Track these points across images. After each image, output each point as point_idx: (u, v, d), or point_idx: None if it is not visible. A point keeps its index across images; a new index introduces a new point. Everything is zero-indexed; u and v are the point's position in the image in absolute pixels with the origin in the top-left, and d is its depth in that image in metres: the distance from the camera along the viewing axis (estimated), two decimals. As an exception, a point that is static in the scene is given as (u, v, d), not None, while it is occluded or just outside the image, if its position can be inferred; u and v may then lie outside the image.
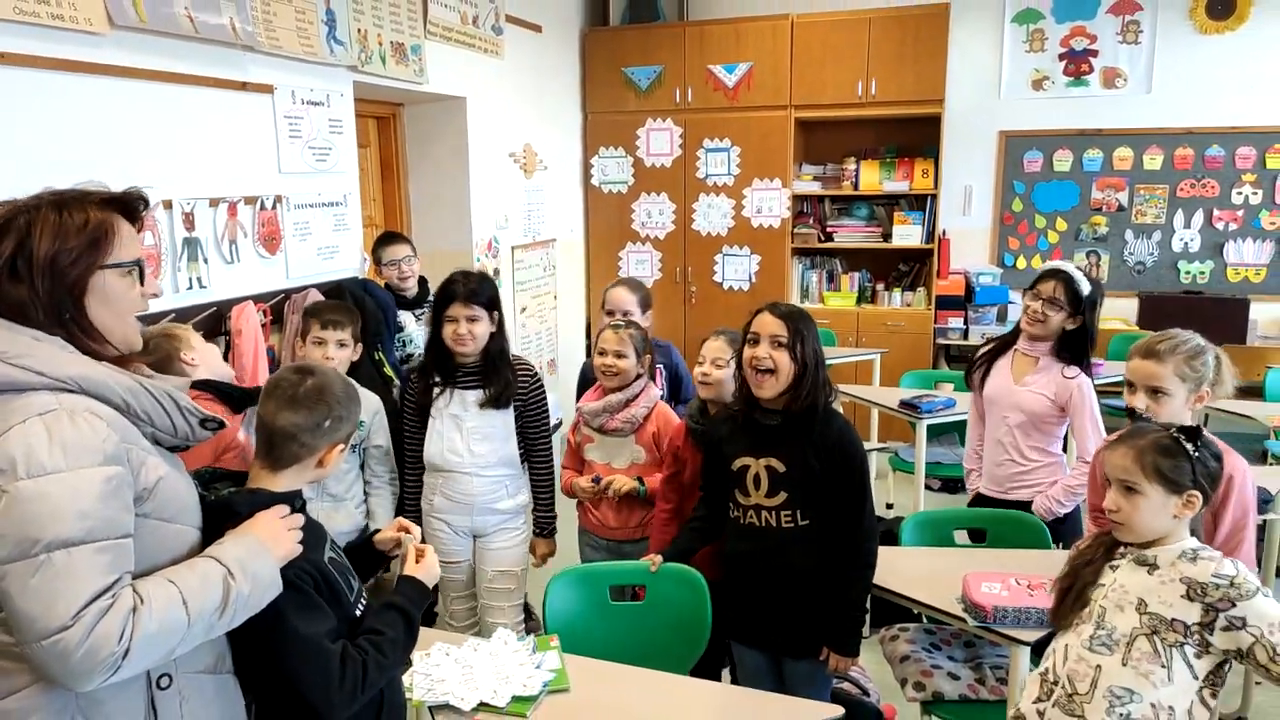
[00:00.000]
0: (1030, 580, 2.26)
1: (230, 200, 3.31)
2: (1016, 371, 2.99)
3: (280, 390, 1.66)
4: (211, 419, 1.51)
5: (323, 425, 1.65)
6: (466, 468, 2.83)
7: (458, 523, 2.91)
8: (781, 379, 2.22)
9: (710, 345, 2.69)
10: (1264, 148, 5.78)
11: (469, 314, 2.74)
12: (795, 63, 5.88)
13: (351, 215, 4.01)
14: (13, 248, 1.33)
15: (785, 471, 2.24)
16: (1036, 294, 2.91)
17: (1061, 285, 2.85)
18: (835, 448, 2.21)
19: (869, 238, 6.18)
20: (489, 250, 5.15)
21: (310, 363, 1.73)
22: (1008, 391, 2.97)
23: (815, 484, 2.22)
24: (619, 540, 2.92)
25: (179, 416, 1.46)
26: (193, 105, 3.16)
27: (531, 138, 5.58)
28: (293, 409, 1.63)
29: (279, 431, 1.63)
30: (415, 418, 2.89)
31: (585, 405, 2.90)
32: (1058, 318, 2.88)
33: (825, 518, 2.24)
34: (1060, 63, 6.05)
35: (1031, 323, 2.92)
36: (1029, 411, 2.92)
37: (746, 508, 2.29)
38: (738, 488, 2.31)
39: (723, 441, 2.36)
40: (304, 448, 1.65)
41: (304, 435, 1.64)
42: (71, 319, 1.37)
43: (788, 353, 2.21)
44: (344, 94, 3.93)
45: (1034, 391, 2.91)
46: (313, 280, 3.73)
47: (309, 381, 1.67)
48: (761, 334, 2.24)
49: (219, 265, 3.28)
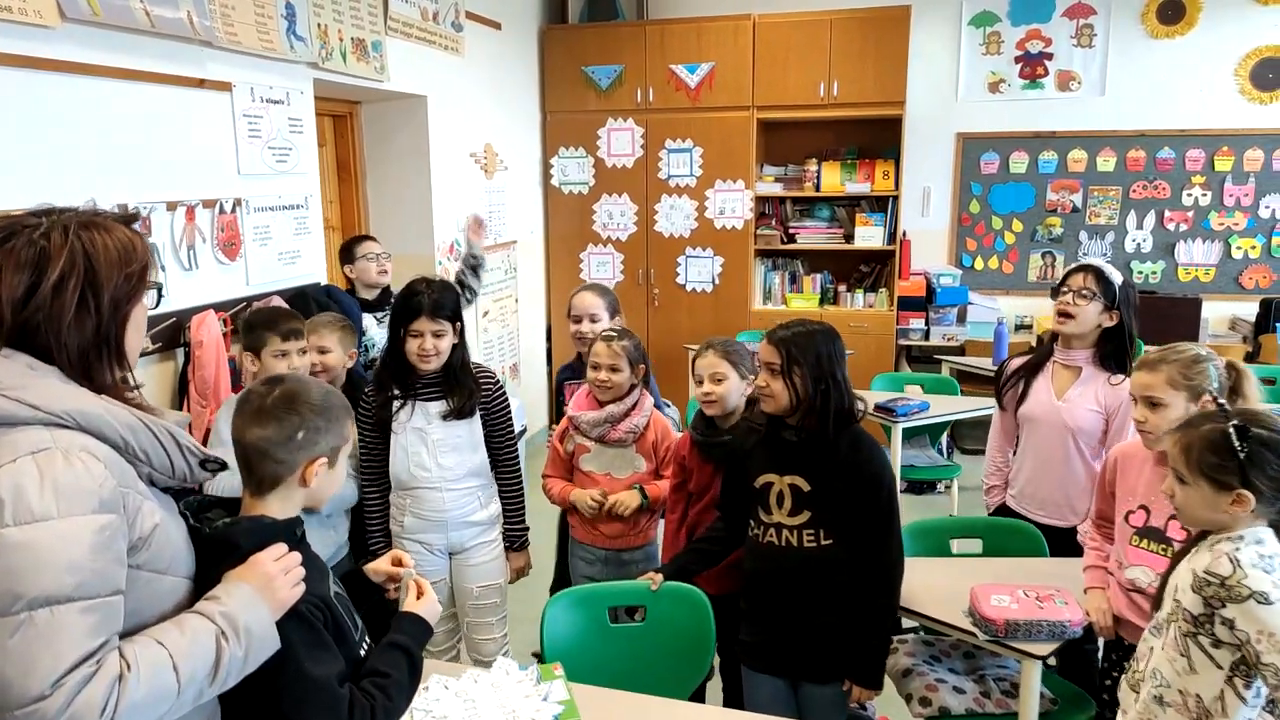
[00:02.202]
0: (1038, 591, 2.24)
1: (188, 203, 3.13)
2: (1058, 385, 2.80)
3: (249, 403, 1.52)
4: (213, 459, 1.39)
5: (295, 438, 1.51)
6: (435, 482, 2.68)
7: (433, 541, 2.76)
8: (779, 402, 2.17)
9: (703, 362, 2.60)
10: (1212, 150, 5.91)
11: (435, 329, 2.57)
12: (757, 63, 5.84)
13: (313, 218, 3.85)
14: (80, 280, 1.25)
15: (810, 491, 2.17)
16: (1066, 287, 2.75)
17: (1092, 276, 2.71)
18: (862, 470, 2.16)
19: (831, 239, 6.18)
20: (451, 253, 5.01)
21: (285, 372, 1.60)
22: (1051, 409, 2.78)
23: (840, 505, 2.17)
24: (618, 549, 2.82)
25: (179, 456, 1.33)
26: (148, 103, 2.98)
27: (492, 137, 5.45)
28: (260, 422, 1.50)
29: (250, 448, 1.50)
30: (375, 433, 2.70)
31: (583, 415, 2.78)
32: (1091, 310, 2.70)
33: (848, 540, 2.18)
34: (1016, 65, 6.12)
35: (1063, 318, 2.74)
36: (1080, 430, 2.73)
37: (767, 526, 2.23)
38: (760, 505, 2.24)
39: (747, 457, 2.29)
40: (280, 465, 1.51)
41: (277, 450, 1.50)
42: (111, 350, 1.30)
43: (782, 379, 2.15)
44: (304, 92, 3.76)
45: (1083, 408, 2.73)
46: (275, 287, 3.57)
47: (277, 390, 1.53)
48: (761, 360, 2.20)
49: (177, 273, 3.11)
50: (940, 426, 4.71)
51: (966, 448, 5.80)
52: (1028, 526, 2.69)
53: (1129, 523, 2.23)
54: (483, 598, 2.82)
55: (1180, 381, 2.13)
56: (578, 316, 3.20)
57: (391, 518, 2.77)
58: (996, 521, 2.76)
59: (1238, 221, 5.96)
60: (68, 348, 1.26)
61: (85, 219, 1.30)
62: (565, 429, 2.88)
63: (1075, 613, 2.17)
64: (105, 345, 1.30)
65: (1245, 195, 5.91)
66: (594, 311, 3.19)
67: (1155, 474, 2.19)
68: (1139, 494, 2.23)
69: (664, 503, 2.74)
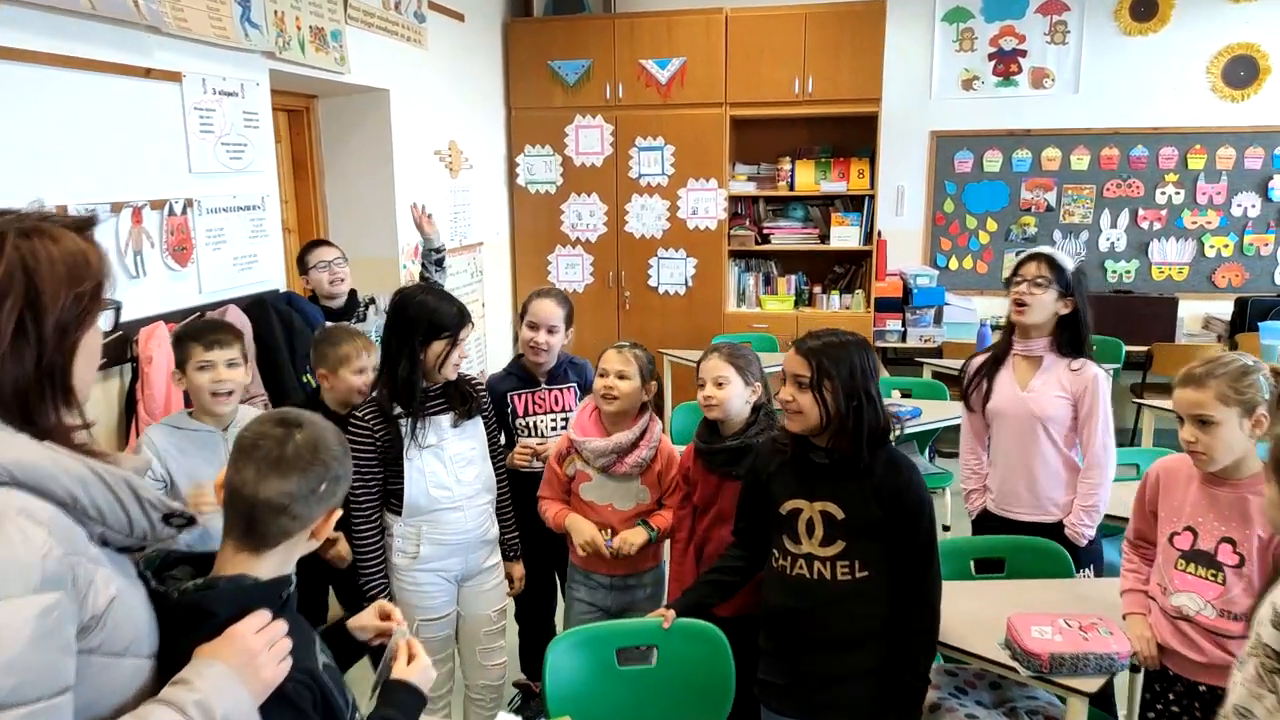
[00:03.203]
0: (1080, 621, 2.08)
1: (134, 205, 2.86)
2: (1020, 377, 2.77)
3: (261, 451, 1.29)
4: (179, 514, 1.16)
5: (318, 490, 1.31)
6: (456, 501, 2.48)
7: (451, 568, 2.54)
8: (809, 420, 1.98)
9: (706, 365, 2.44)
10: (1185, 148, 5.88)
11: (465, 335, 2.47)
12: (730, 58, 5.67)
13: (271, 220, 3.58)
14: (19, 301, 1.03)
15: (844, 519, 1.99)
16: (1019, 277, 2.71)
17: (1045, 264, 2.67)
18: (900, 496, 1.98)
19: (806, 239, 6.03)
20: (415, 256, 4.75)
21: (292, 410, 1.37)
22: (1016, 401, 2.73)
23: (877, 534, 1.99)
24: (623, 574, 2.62)
25: (138, 511, 1.10)
26: (89, 94, 2.70)
27: (456, 134, 5.20)
28: (281, 474, 1.28)
29: (264, 505, 1.27)
30: (375, 465, 2.42)
31: (587, 442, 2.56)
32: (1047, 297, 2.66)
33: (885, 572, 2.01)
34: (990, 62, 6.03)
35: (1020, 308, 2.71)
36: (1048, 417, 2.69)
37: (796, 556, 2.04)
38: (786, 533, 2.06)
39: (771, 480, 2.10)
40: (296, 520, 1.29)
41: (297, 505, 1.28)
42: (56, 386, 1.07)
43: (811, 394, 1.96)
44: (260, 83, 3.49)
45: (1049, 395, 2.69)
46: (229, 295, 3.30)
47: (298, 435, 1.31)
48: (787, 373, 2.01)
49: (122, 281, 2.83)
50: (931, 434, 4.58)
51: (944, 451, 5.68)
52: (1053, 545, 2.54)
53: (1174, 545, 2.09)
54: (495, 623, 2.68)
55: (1231, 396, 1.98)
56: (535, 324, 2.92)
57: (398, 551, 2.50)
58: (1019, 541, 2.61)
59: (1210, 220, 5.94)
60: (2, 384, 1.03)
61: (27, 225, 1.07)
62: (565, 450, 2.66)
63: (1122, 644, 2.02)
64: (49, 380, 1.07)
65: (1218, 194, 5.89)
66: (554, 322, 2.92)
67: (1203, 494, 2.05)
68: (1185, 515, 2.08)
69: (670, 530, 2.56)
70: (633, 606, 2.64)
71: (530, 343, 2.90)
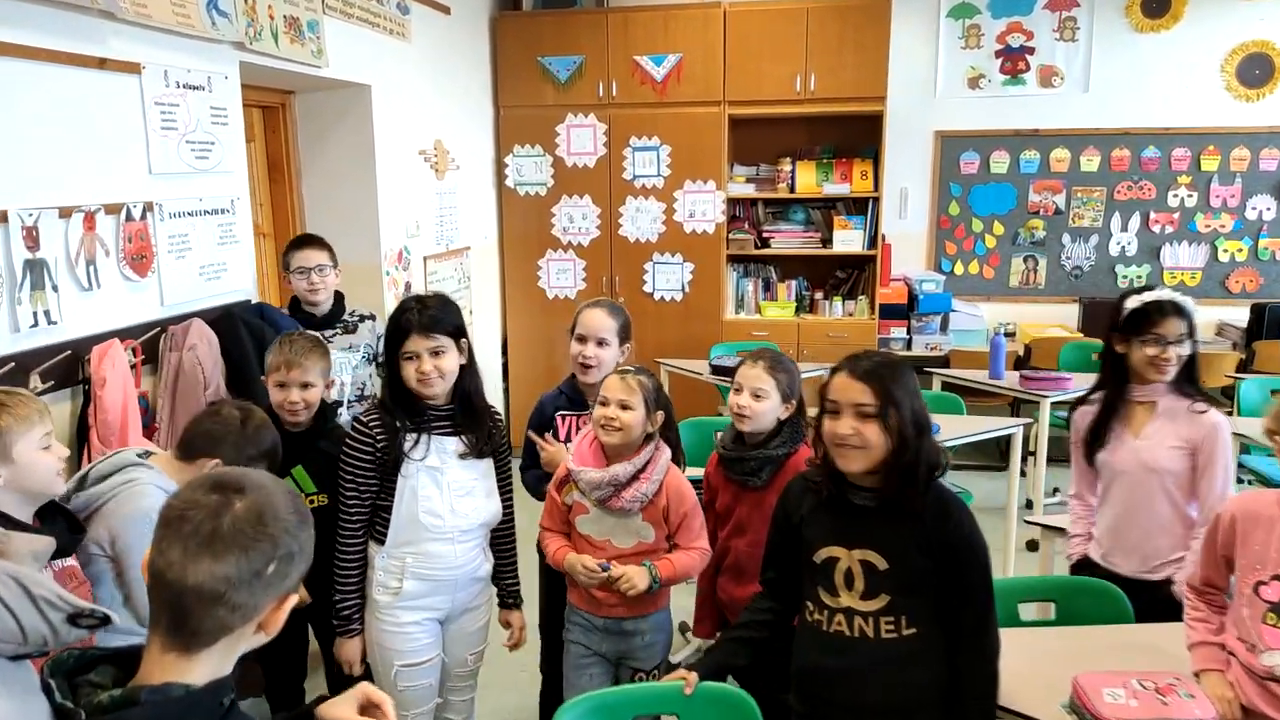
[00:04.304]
0: (1155, 681, 1.84)
1: (87, 209, 2.58)
2: (1134, 423, 2.50)
3: (189, 525, 1.03)
4: (87, 614, 0.90)
5: (263, 573, 1.05)
6: (447, 531, 2.26)
7: (437, 607, 2.33)
8: (874, 455, 1.73)
9: (748, 372, 2.28)
10: (1198, 149, 5.68)
11: (431, 346, 2.20)
12: (729, 54, 5.42)
13: (241, 225, 3.30)
14: None
15: (888, 569, 1.75)
16: (1159, 338, 2.40)
17: (1183, 320, 2.40)
18: (954, 543, 1.75)
19: (808, 243, 5.79)
20: (399, 262, 4.48)
21: (232, 471, 1.10)
22: (1129, 451, 2.48)
23: (926, 586, 1.76)
24: (619, 618, 2.38)
25: (33, 614, 0.86)
26: (36, 86, 2.43)
27: (442, 133, 4.93)
28: (215, 554, 1.02)
29: (195, 593, 1.01)
30: (373, 480, 2.25)
31: (583, 473, 2.32)
32: (1185, 351, 2.41)
33: (937, 629, 1.77)
34: (997, 60, 5.82)
35: (1161, 368, 2.41)
36: (1163, 470, 2.42)
37: (834, 610, 1.80)
38: (822, 584, 1.81)
39: (803, 523, 1.86)
40: (236, 612, 1.04)
41: (236, 593, 1.03)
42: None
43: (878, 425, 1.72)
44: (228, 76, 3.22)
45: (1164, 446, 2.43)
46: (195, 307, 3.03)
47: (237, 504, 1.05)
48: (842, 403, 1.74)
49: (73, 294, 2.55)
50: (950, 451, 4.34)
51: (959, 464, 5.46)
52: (1110, 587, 2.30)
53: (1261, 596, 1.85)
54: (471, 665, 2.46)
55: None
56: (584, 336, 2.69)
57: (379, 586, 2.29)
58: (1070, 581, 2.37)
59: (1224, 223, 5.74)
60: None
61: None
62: (564, 478, 2.42)
63: (1206, 709, 1.78)
64: None
65: (1232, 196, 5.70)
66: (604, 335, 2.69)
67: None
68: (1272, 561, 1.84)
69: (678, 581, 2.34)
70: (629, 654, 2.41)
71: (579, 357, 2.64)
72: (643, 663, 2.41)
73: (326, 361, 2.52)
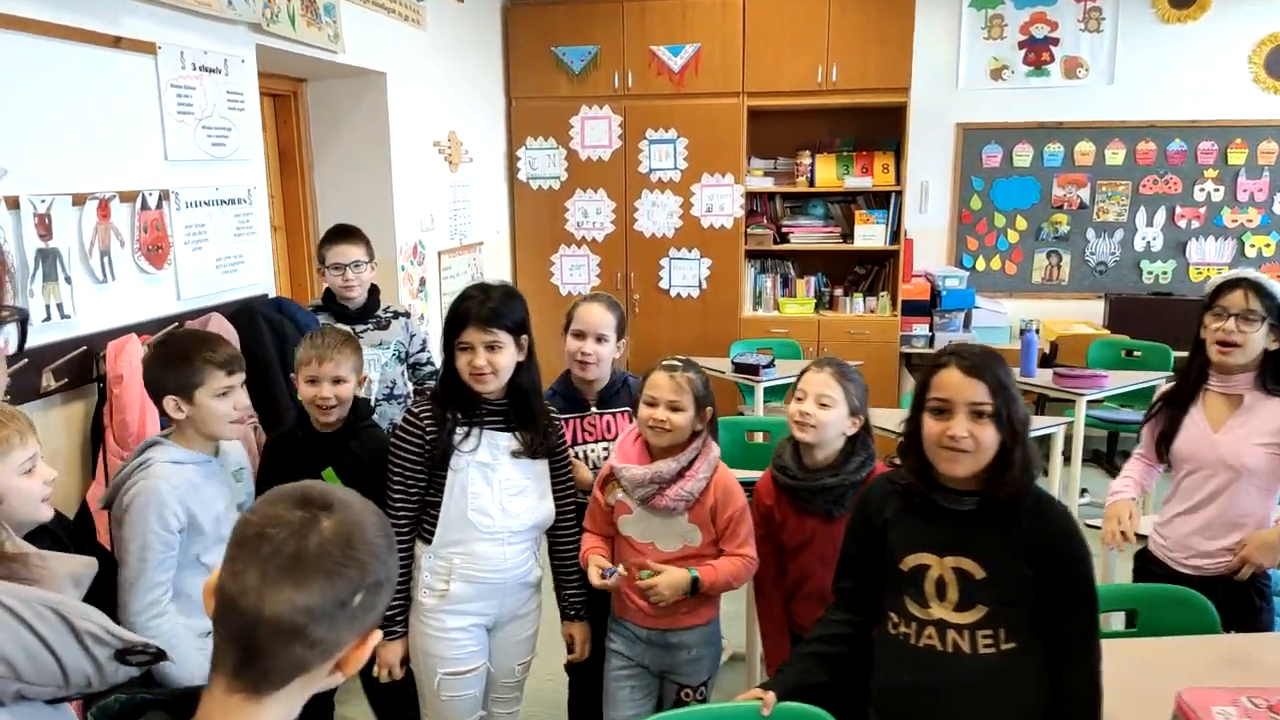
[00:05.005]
0: (1266, 699, 1.71)
1: (101, 196, 2.43)
2: (1212, 416, 2.33)
3: (270, 545, 0.89)
4: (139, 650, 0.76)
5: (349, 604, 0.91)
6: (497, 531, 2.15)
7: (484, 613, 2.21)
8: (983, 459, 1.61)
9: (814, 378, 2.13)
10: (1225, 143, 5.57)
11: (488, 340, 2.09)
12: (748, 44, 5.29)
13: (258, 216, 3.15)
14: None
15: (985, 578, 1.62)
16: (1223, 310, 2.27)
17: (1254, 294, 2.24)
18: (1056, 549, 1.62)
19: (828, 238, 5.66)
20: (414, 256, 4.33)
21: (316, 486, 0.96)
22: (1208, 444, 2.32)
23: (1028, 596, 1.63)
24: (663, 629, 2.24)
25: (75, 651, 0.72)
26: (48, 66, 2.27)
27: (456, 125, 4.78)
28: (297, 581, 0.88)
29: (272, 626, 0.87)
30: (422, 474, 2.15)
31: (626, 469, 2.19)
32: (1258, 335, 2.23)
33: (1037, 645, 1.64)
34: (1020, 51, 5.69)
35: (1226, 349, 2.26)
36: (1247, 468, 2.27)
37: (924, 623, 1.66)
38: (910, 595, 1.68)
39: (886, 529, 1.72)
40: (315, 649, 0.90)
41: (318, 627, 0.89)
42: None
43: (993, 425, 1.59)
44: (245, 60, 3.07)
45: (1250, 443, 2.27)
46: (212, 301, 2.87)
47: (324, 523, 0.91)
48: (955, 401, 1.61)
49: (87, 286, 2.40)
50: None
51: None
52: (1195, 596, 2.17)
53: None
54: (518, 676, 2.34)
55: None
56: (581, 332, 2.56)
57: (424, 588, 2.17)
58: (1158, 591, 2.23)
59: (1251, 218, 5.63)
60: None
61: None
62: (608, 476, 2.29)
63: (1327, 730, 1.65)
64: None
65: (1259, 190, 5.59)
66: (603, 330, 2.56)
67: None
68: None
69: (720, 590, 2.21)
70: (674, 669, 2.28)
71: (577, 354, 2.50)
72: (689, 678, 2.28)
73: (359, 356, 2.37)
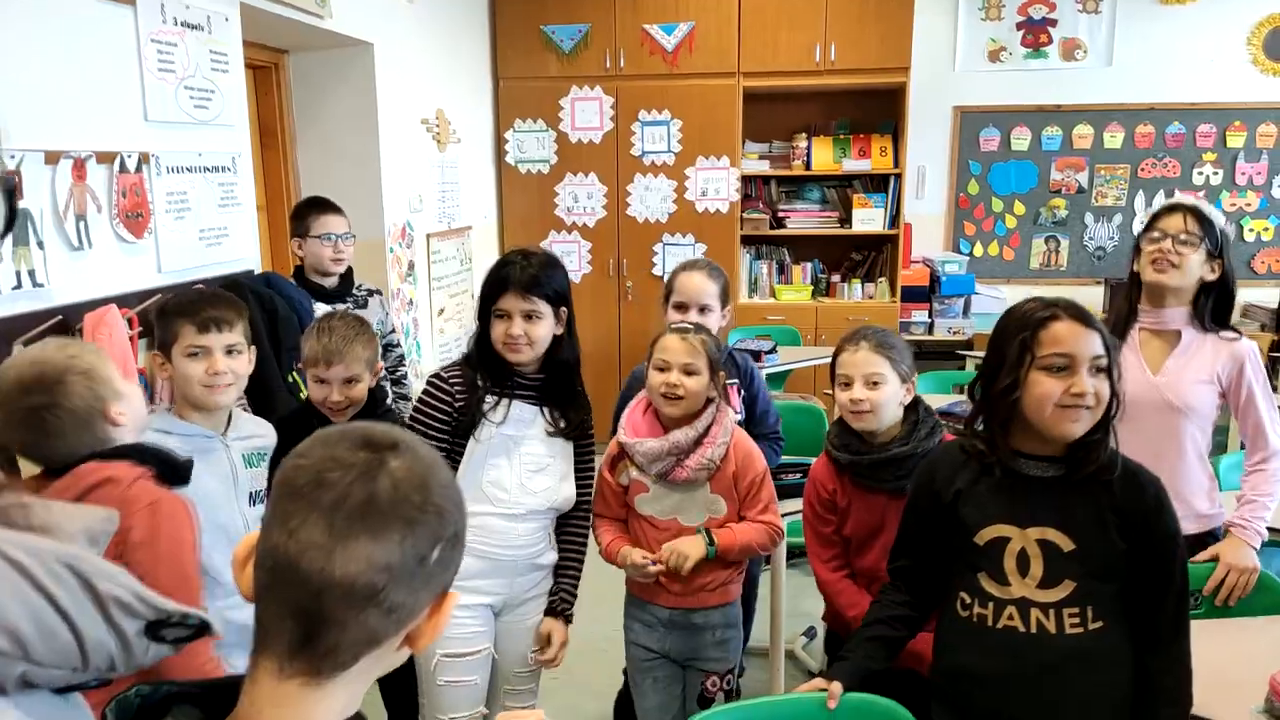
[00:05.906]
0: (1370, 679, 1.58)
1: (76, 155, 2.22)
2: (1150, 357, 2.20)
3: (333, 492, 0.71)
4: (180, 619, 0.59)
5: (429, 558, 0.74)
6: (512, 507, 2.01)
7: (490, 591, 2.04)
8: (1099, 415, 1.48)
9: (854, 358, 1.96)
10: (1224, 125, 5.50)
11: (526, 308, 1.95)
12: (744, 23, 5.14)
13: (243, 186, 2.95)
14: None
15: (1074, 550, 1.48)
16: (1161, 233, 2.14)
17: (1192, 217, 2.12)
18: (1149, 521, 1.50)
19: (825, 223, 5.53)
20: (403, 239, 4.14)
21: (376, 426, 0.78)
22: (1148, 387, 2.15)
23: (1118, 570, 1.50)
24: (687, 609, 2.10)
25: (97, 623, 0.54)
26: (17, 14, 2.07)
27: (444, 103, 4.59)
28: (374, 532, 0.71)
29: (342, 589, 0.70)
30: (447, 441, 1.99)
31: (638, 444, 2.04)
32: (1195, 259, 2.11)
33: (1123, 625, 1.51)
34: (1018, 32, 5.59)
35: (1163, 268, 2.13)
36: (1190, 409, 2.15)
37: (1004, 602, 1.52)
38: (987, 571, 1.53)
39: (958, 500, 1.57)
40: (392, 615, 0.73)
41: (397, 589, 0.72)
42: None
43: (1108, 379, 1.47)
44: (229, 18, 2.87)
45: (1190, 381, 2.16)
46: (195, 274, 2.68)
47: (393, 464, 0.74)
48: (1079, 356, 1.46)
49: (61, 252, 2.20)
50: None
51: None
52: (1268, 577, 2.04)
53: None
54: (531, 665, 2.15)
55: None
56: (683, 304, 2.41)
57: None
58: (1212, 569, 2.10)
59: (1250, 202, 5.57)
60: None
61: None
62: (617, 455, 2.13)
63: None
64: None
65: (1258, 174, 5.53)
66: (706, 300, 2.44)
67: None
68: None
69: (737, 555, 2.07)
70: (698, 654, 2.13)
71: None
72: (715, 664, 2.13)
73: (372, 347, 2.18)
